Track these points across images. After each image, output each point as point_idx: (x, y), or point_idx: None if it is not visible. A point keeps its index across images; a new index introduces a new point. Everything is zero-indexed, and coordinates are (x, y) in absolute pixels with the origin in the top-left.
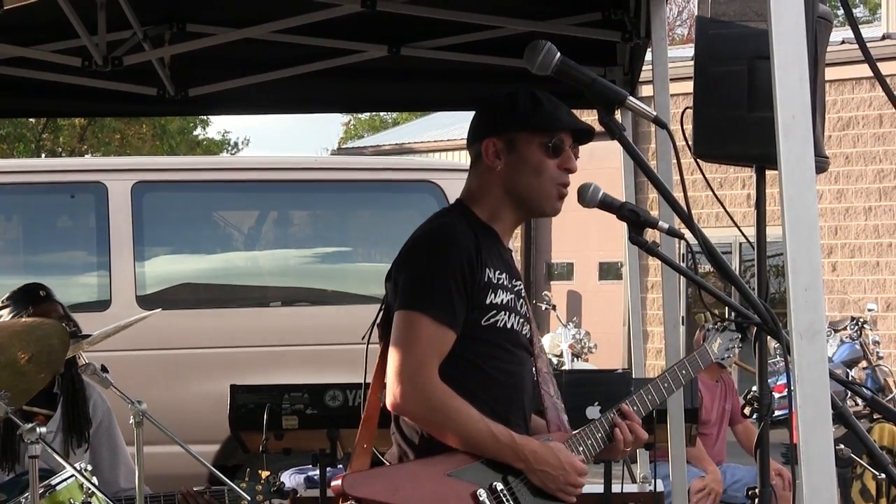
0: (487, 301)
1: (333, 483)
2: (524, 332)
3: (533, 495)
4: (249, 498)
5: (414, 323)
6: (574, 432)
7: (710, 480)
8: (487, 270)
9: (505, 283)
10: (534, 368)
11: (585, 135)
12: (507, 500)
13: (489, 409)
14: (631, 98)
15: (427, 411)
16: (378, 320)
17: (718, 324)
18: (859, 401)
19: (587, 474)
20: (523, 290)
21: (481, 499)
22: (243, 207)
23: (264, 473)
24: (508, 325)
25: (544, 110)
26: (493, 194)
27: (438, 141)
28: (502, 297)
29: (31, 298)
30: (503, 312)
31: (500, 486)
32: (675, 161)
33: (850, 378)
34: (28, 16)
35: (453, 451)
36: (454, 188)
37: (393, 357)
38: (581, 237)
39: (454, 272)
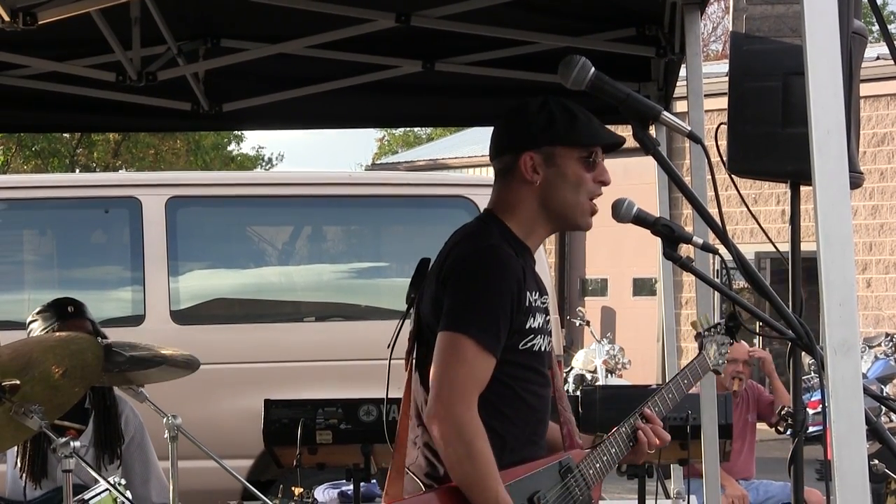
0: (527, 325)
1: None
2: (550, 350)
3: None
4: None
5: (460, 346)
6: (587, 451)
7: (729, 495)
8: (528, 294)
9: (537, 303)
10: (553, 384)
11: (616, 146)
12: None
13: (518, 430)
14: (665, 113)
15: (453, 439)
16: (408, 334)
17: (711, 329)
18: (894, 416)
19: None
20: (548, 303)
21: None
22: (277, 223)
23: (297, 490)
24: (542, 349)
25: (581, 124)
26: (529, 208)
27: (473, 157)
28: (538, 321)
29: (59, 314)
30: (539, 336)
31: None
32: (709, 177)
33: (884, 394)
34: (62, 31)
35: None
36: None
37: (436, 377)
38: (615, 253)
39: (504, 298)
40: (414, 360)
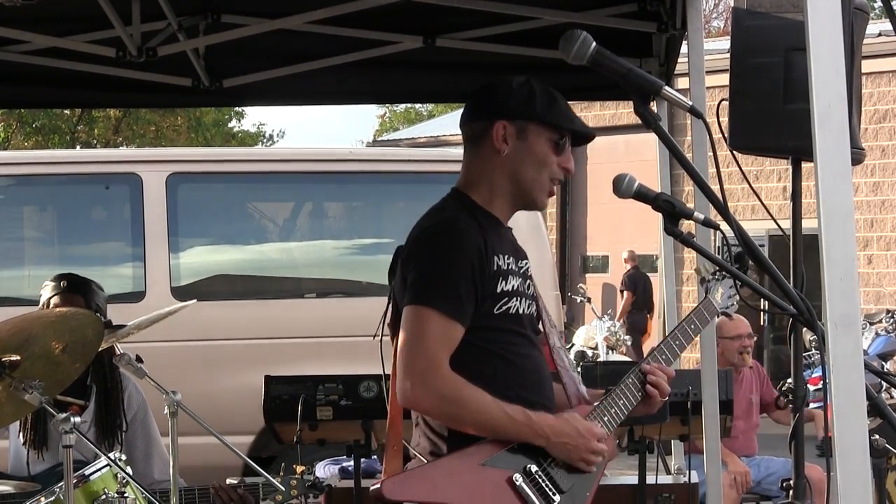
0: (499, 289)
1: (372, 489)
2: (533, 313)
3: (568, 473)
4: (284, 488)
5: (421, 318)
6: (595, 404)
7: (732, 471)
8: (496, 258)
9: (512, 266)
10: (546, 345)
11: (585, 139)
12: (543, 481)
13: (516, 395)
14: (667, 87)
15: (439, 403)
16: (388, 319)
17: (717, 273)
18: (894, 393)
19: (606, 438)
20: (529, 268)
21: (518, 483)
22: (278, 199)
23: (299, 468)
24: (520, 311)
25: (559, 108)
26: (493, 178)
27: None
28: (512, 283)
29: (53, 288)
30: (514, 299)
31: (534, 468)
32: (710, 153)
33: (885, 370)
34: (62, 6)
35: (484, 441)
36: None
37: (402, 353)
38: (616, 229)
39: (462, 266)
40: (395, 346)
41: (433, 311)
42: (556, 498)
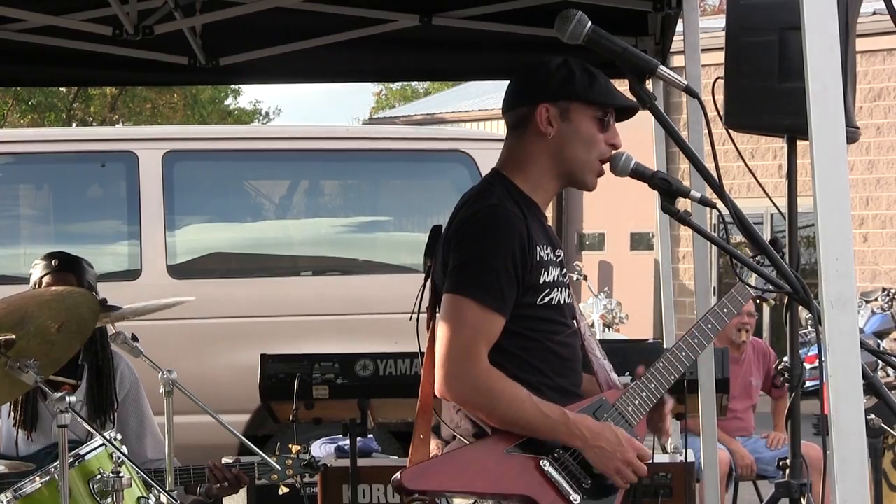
0: (541, 280)
1: (393, 479)
2: (571, 303)
3: None
4: (280, 467)
5: (461, 308)
6: (629, 387)
7: (739, 465)
8: (538, 249)
9: (551, 256)
10: (580, 334)
11: (628, 112)
12: (574, 465)
13: (553, 381)
14: (662, 67)
15: (473, 395)
16: (427, 301)
17: (754, 259)
18: (890, 371)
19: (649, 458)
20: (563, 258)
21: (546, 468)
22: (274, 177)
23: (295, 447)
24: (561, 301)
25: (599, 84)
26: (539, 162)
27: (470, 111)
28: (554, 274)
29: (44, 267)
30: (556, 289)
31: (561, 451)
32: (706, 131)
33: (881, 349)
34: None
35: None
36: (486, 158)
37: (440, 342)
38: (612, 207)
39: (505, 257)
40: (431, 331)
41: (473, 302)
42: (589, 482)
